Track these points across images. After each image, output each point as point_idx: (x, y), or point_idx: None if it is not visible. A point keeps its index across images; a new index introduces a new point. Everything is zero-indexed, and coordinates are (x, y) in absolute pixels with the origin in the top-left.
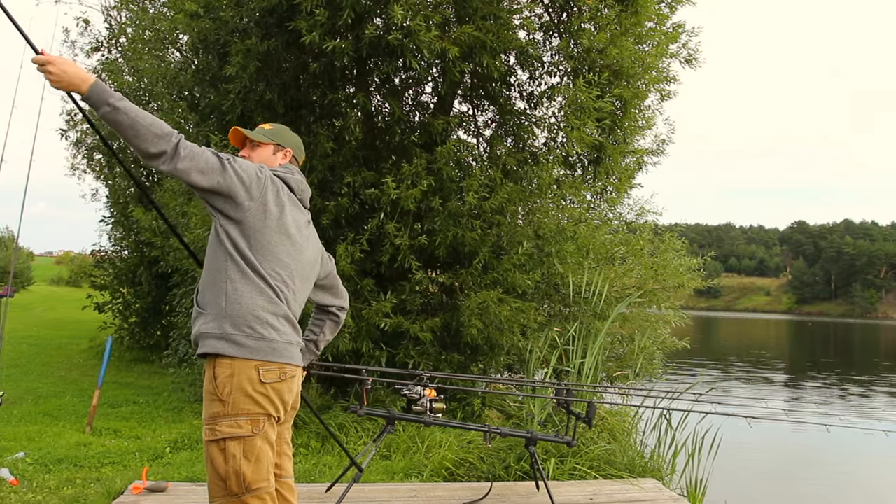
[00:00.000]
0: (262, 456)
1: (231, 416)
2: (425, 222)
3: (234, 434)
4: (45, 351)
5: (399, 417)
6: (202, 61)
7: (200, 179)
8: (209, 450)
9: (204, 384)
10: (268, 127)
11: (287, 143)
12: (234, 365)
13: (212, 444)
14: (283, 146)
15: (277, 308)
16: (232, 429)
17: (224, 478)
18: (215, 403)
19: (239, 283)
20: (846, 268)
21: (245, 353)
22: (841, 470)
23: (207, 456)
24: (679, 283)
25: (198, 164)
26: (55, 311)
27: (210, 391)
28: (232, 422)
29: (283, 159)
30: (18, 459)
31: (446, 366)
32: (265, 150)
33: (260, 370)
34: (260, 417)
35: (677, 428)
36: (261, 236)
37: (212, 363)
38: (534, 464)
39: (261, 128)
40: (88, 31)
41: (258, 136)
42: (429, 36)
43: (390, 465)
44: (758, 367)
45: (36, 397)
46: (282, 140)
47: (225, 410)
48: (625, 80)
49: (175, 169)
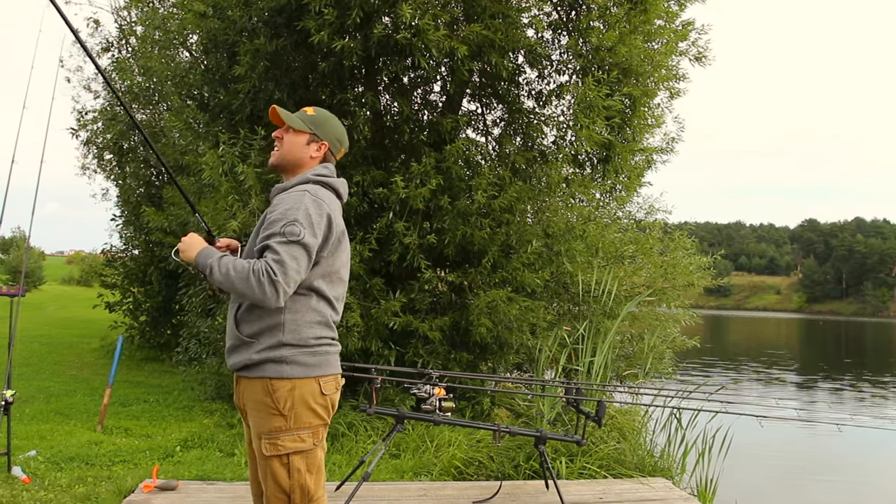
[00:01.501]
0: (322, 466)
1: (293, 431)
2: (434, 221)
3: (298, 448)
4: (56, 350)
5: (408, 416)
6: (211, 61)
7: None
8: (271, 464)
9: (249, 395)
10: (310, 112)
11: (325, 136)
12: (295, 380)
13: (273, 458)
14: (319, 138)
15: (335, 322)
16: (295, 443)
17: (288, 492)
18: (275, 418)
19: (300, 312)
20: (857, 266)
21: (307, 372)
22: (854, 471)
23: (268, 470)
24: (689, 281)
25: (298, 277)
26: (66, 311)
27: (268, 405)
28: (294, 436)
29: (316, 152)
30: (30, 457)
31: (455, 365)
32: (299, 137)
33: (321, 383)
34: (320, 429)
35: (687, 427)
36: (329, 266)
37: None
38: (543, 463)
39: (304, 111)
40: (99, 31)
41: (295, 122)
42: (437, 35)
43: (400, 464)
44: (769, 366)
45: (47, 396)
46: (319, 131)
47: (287, 425)
48: (634, 78)
49: (286, 295)
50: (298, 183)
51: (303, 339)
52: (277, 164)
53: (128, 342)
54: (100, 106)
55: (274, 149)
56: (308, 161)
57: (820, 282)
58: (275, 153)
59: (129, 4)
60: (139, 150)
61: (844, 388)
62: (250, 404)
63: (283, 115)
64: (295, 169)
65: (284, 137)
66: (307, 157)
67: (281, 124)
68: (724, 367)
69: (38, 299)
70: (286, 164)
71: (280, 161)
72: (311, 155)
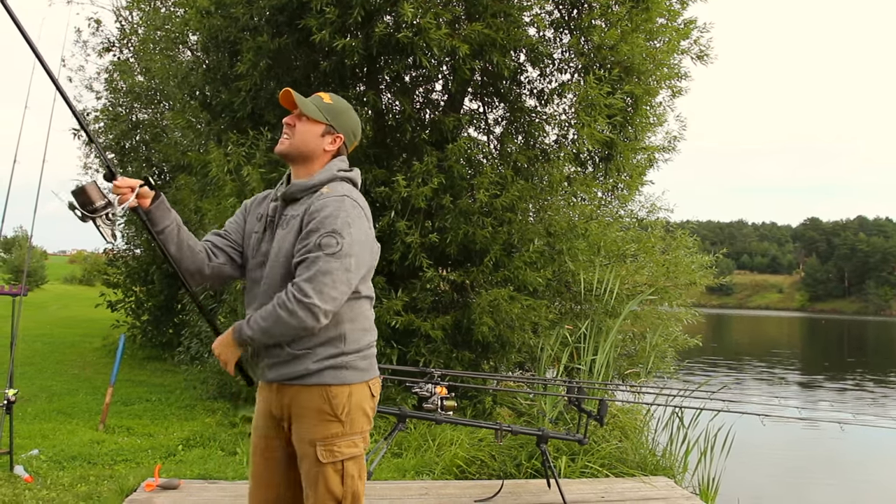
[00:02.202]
0: (366, 471)
1: (349, 436)
2: (436, 220)
3: (353, 454)
4: (58, 349)
5: (410, 415)
6: (213, 60)
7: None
8: (324, 471)
9: (302, 402)
10: (327, 100)
11: (341, 128)
12: (353, 385)
13: (328, 465)
14: (335, 130)
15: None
16: (350, 448)
17: (340, 498)
18: (333, 424)
19: (357, 320)
20: (860, 265)
21: (362, 377)
22: (856, 470)
23: (320, 478)
24: (691, 280)
25: (343, 289)
26: (68, 310)
27: (325, 412)
28: (350, 441)
29: (330, 145)
30: (33, 456)
31: (457, 364)
32: (314, 127)
33: (371, 386)
34: (367, 433)
35: (689, 426)
36: (365, 267)
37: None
38: (545, 461)
39: (318, 97)
40: (100, 31)
41: (311, 111)
42: (439, 34)
43: (401, 463)
44: (771, 365)
45: (50, 395)
46: (336, 122)
47: (344, 430)
48: (636, 76)
49: (330, 311)
50: (327, 180)
51: (361, 345)
52: (287, 153)
53: (130, 341)
54: (101, 105)
55: (283, 135)
56: (321, 154)
57: (822, 280)
58: (285, 141)
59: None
60: (141, 150)
61: (847, 388)
62: (302, 412)
63: (298, 100)
64: (306, 161)
65: (297, 125)
66: (321, 149)
67: (294, 108)
68: (726, 366)
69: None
70: (297, 154)
71: (291, 151)
72: (326, 148)
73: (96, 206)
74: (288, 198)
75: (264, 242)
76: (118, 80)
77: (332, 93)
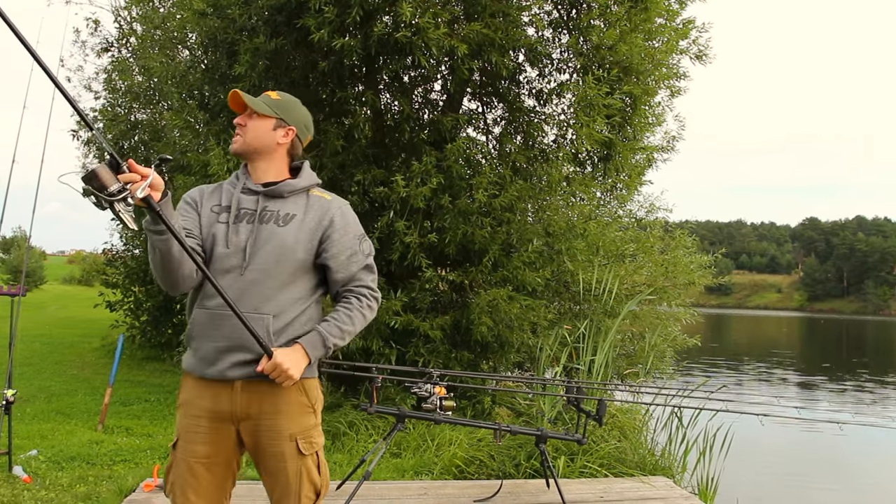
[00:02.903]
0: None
1: (318, 426)
2: (435, 220)
3: (322, 443)
4: (57, 349)
5: (409, 415)
6: (211, 60)
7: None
8: (305, 464)
9: (278, 399)
10: (274, 96)
11: (292, 121)
12: (317, 377)
13: (308, 457)
14: (286, 123)
15: None
16: (320, 438)
17: (319, 488)
18: (309, 416)
19: (320, 317)
20: (858, 264)
21: (317, 370)
22: (856, 470)
23: (303, 471)
24: (690, 280)
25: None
26: (67, 310)
27: (304, 404)
28: (319, 431)
29: (283, 138)
30: (31, 457)
31: (456, 364)
32: (265, 123)
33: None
34: None
35: (688, 426)
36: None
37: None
38: (544, 461)
39: (266, 95)
40: (99, 31)
41: (260, 107)
42: (437, 33)
43: (400, 463)
44: (770, 365)
45: (48, 395)
46: (286, 115)
47: (316, 420)
48: (634, 76)
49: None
50: (315, 184)
51: None
52: (243, 150)
53: (129, 341)
54: (100, 106)
55: (236, 134)
56: (276, 147)
57: (821, 280)
58: (238, 139)
59: (129, 4)
60: (140, 150)
61: (846, 387)
62: (280, 407)
63: (246, 99)
64: (263, 155)
65: (248, 123)
66: (275, 143)
67: (242, 110)
68: (725, 367)
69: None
70: (252, 150)
71: (245, 148)
72: (279, 141)
73: (111, 189)
74: (274, 194)
75: (240, 234)
76: (117, 80)
77: (281, 91)
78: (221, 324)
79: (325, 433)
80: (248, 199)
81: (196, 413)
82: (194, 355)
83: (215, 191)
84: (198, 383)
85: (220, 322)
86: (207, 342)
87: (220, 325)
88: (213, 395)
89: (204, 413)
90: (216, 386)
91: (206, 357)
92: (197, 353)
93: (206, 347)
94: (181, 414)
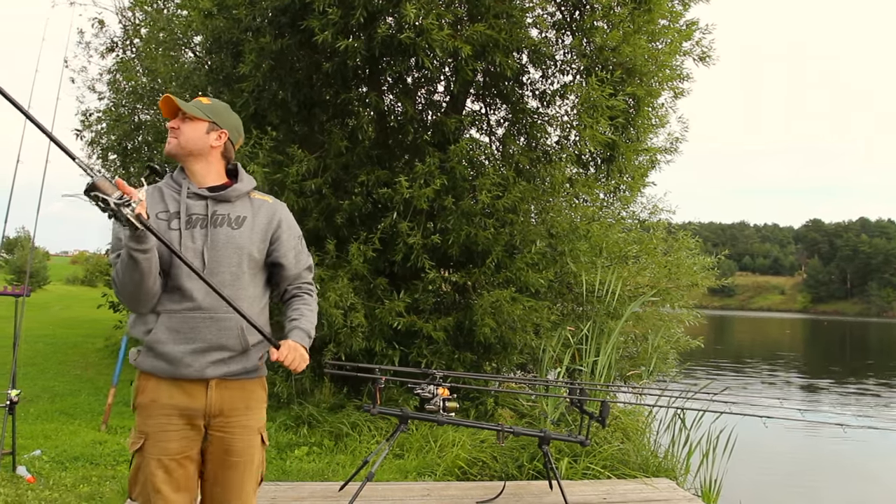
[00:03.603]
0: None
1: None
2: (438, 221)
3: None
4: (60, 350)
5: (412, 416)
6: (216, 61)
7: None
8: (262, 452)
9: (248, 394)
10: (206, 101)
11: (223, 124)
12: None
13: (263, 447)
14: (218, 126)
15: None
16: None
17: (263, 476)
18: (265, 409)
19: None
20: (862, 266)
21: None
22: (859, 472)
23: (258, 459)
24: (693, 281)
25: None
26: (71, 310)
27: (263, 398)
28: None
29: (216, 141)
30: (35, 457)
31: (459, 365)
32: (198, 126)
33: None
34: None
35: (691, 427)
36: None
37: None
38: (547, 463)
39: (198, 101)
40: (103, 32)
41: (192, 110)
42: (441, 35)
43: (403, 464)
44: (773, 367)
45: (52, 395)
46: (218, 119)
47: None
48: (638, 78)
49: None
50: (253, 187)
51: None
52: (176, 152)
53: (132, 342)
54: (104, 106)
55: (170, 137)
56: (210, 150)
57: (824, 282)
58: (172, 141)
59: (134, 5)
60: (143, 151)
61: (849, 390)
62: (251, 403)
63: (180, 103)
64: (197, 158)
65: (181, 126)
66: (208, 145)
67: (174, 114)
68: (728, 368)
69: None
70: (187, 152)
71: (179, 150)
72: (212, 144)
73: (115, 196)
74: (222, 198)
75: (195, 239)
76: (121, 81)
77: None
78: (197, 326)
79: (329, 434)
80: (197, 203)
81: (167, 412)
82: (160, 358)
83: (154, 197)
84: (166, 384)
85: (195, 324)
86: (180, 345)
87: (196, 326)
88: (187, 394)
89: (176, 412)
90: (190, 385)
91: (178, 359)
92: (165, 355)
93: (178, 350)
94: (146, 415)
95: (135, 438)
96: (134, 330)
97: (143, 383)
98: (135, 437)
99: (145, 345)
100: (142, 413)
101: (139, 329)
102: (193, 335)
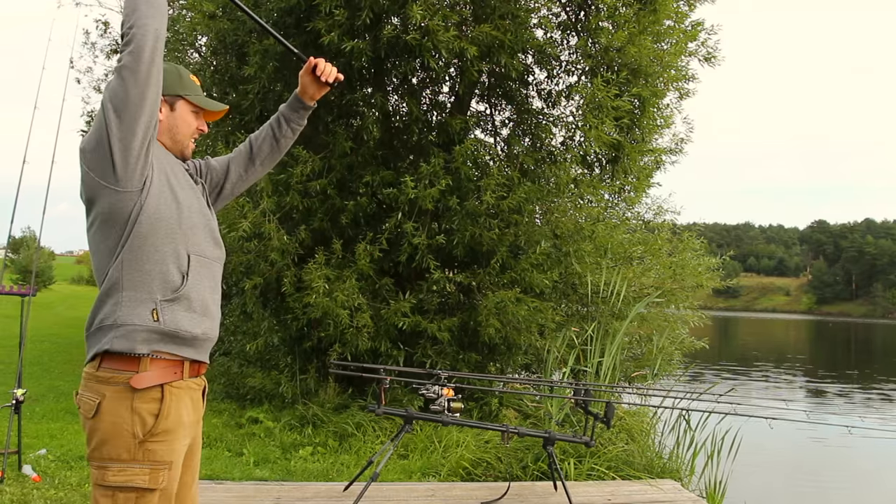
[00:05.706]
0: None
1: None
2: (443, 222)
3: None
4: (66, 349)
5: (417, 417)
6: (221, 62)
7: None
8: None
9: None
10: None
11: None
12: None
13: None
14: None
15: None
16: None
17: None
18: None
19: None
20: (867, 267)
21: None
22: (864, 474)
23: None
24: (697, 282)
25: None
26: (76, 310)
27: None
28: None
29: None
30: (41, 456)
31: (464, 365)
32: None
33: None
34: None
35: (696, 429)
36: None
37: None
38: (552, 464)
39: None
40: (108, 32)
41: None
42: (447, 35)
43: (408, 465)
44: (778, 368)
45: (57, 395)
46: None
47: None
48: (643, 78)
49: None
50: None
51: None
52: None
53: None
54: None
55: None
56: None
57: (829, 283)
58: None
59: None
60: None
61: (855, 391)
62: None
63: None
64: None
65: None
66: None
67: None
68: (733, 369)
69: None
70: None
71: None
72: None
73: None
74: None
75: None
76: None
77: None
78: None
79: (333, 434)
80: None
81: (183, 435)
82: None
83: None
84: (180, 395)
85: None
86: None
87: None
88: (194, 401)
89: (189, 432)
90: (194, 389)
91: (196, 353)
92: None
93: (199, 344)
94: (172, 439)
95: (150, 474)
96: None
97: (166, 397)
98: (149, 474)
99: (162, 331)
100: (167, 439)
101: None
102: (207, 316)
